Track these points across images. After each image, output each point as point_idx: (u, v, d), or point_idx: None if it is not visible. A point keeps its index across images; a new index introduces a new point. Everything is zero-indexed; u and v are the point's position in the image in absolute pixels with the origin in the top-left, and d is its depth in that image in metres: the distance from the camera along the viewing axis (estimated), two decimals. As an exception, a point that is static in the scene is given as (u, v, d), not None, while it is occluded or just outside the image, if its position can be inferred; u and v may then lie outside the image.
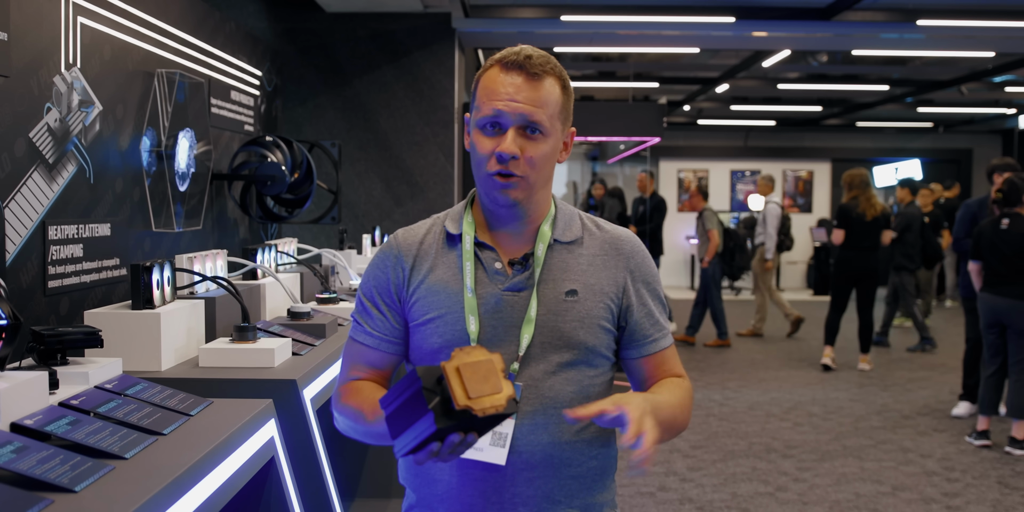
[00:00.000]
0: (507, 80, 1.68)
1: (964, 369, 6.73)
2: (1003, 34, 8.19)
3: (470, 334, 1.67)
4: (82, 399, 1.97)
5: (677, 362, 1.84)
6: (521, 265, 1.73)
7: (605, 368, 1.76)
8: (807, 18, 7.89)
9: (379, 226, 6.18)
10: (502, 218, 1.75)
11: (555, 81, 1.71)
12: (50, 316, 3.05)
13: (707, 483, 5.06)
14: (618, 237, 1.81)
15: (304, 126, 7.01)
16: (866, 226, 8.17)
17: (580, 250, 1.76)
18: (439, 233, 1.79)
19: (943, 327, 11.45)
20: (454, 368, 1.37)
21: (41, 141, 3.00)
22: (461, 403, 1.35)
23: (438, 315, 1.70)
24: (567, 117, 1.75)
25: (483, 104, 1.69)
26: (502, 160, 1.66)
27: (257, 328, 2.91)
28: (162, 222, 4.01)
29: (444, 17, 7.11)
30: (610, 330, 1.74)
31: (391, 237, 1.83)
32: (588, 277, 1.74)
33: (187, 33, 4.35)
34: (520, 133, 1.67)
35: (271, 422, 2.31)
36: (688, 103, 14.51)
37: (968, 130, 17.59)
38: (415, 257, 1.77)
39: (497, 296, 1.70)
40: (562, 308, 1.70)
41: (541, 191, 1.75)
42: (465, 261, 1.73)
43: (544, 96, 1.68)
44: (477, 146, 1.70)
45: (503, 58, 1.70)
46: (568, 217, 1.80)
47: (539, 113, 1.67)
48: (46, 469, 1.59)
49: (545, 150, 1.69)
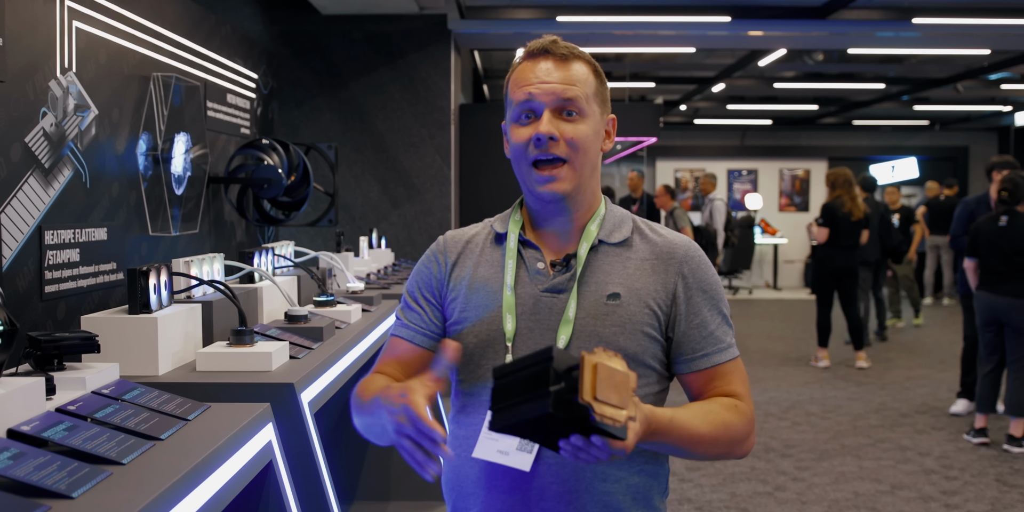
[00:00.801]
0: (535, 66, 1.63)
1: (962, 367, 6.73)
2: (998, 31, 8.20)
3: (506, 333, 1.63)
4: (79, 404, 1.97)
5: (736, 380, 1.67)
6: (563, 266, 1.66)
7: (649, 380, 1.65)
8: (803, 17, 7.90)
9: (376, 228, 6.18)
10: (548, 215, 1.68)
11: (585, 65, 1.66)
12: (47, 321, 3.05)
13: (705, 483, 5.06)
14: (672, 242, 1.70)
15: (300, 128, 7.01)
16: (851, 226, 8.23)
17: (628, 253, 1.68)
18: (488, 234, 1.75)
19: (940, 325, 11.47)
20: (592, 363, 1.29)
21: (37, 146, 3.00)
22: (585, 398, 1.27)
23: (476, 313, 1.67)
24: (604, 101, 1.69)
25: (515, 95, 1.64)
26: (540, 143, 1.59)
27: (254, 332, 2.91)
28: (159, 226, 4.01)
29: (440, 18, 7.12)
30: (656, 338, 1.64)
31: (440, 237, 1.80)
32: (634, 281, 1.64)
33: (183, 36, 4.35)
34: (556, 115, 1.61)
35: (269, 426, 2.31)
36: (684, 103, 14.53)
37: (964, 128, 17.61)
38: (459, 254, 1.74)
39: (536, 297, 1.64)
40: (602, 311, 1.62)
41: (588, 181, 1.66)
42: (507, 259, 1.68)
43: (575, 75, 1.63)
44: (513, 138, 1.64)
45: (528, 49, 1.67)
46: (618, 218, 1.72)
47: (572, 90, 1.61)
48: (43, 475, 1.59)
49: (586, 131, 1.62)
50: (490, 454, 1.61)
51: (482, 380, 1.66)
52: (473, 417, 1.67)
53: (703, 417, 1.58)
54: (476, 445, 1.64)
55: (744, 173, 17.43)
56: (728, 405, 1.63)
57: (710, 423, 1.58)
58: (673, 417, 1.51)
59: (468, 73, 9.54)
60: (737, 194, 17.21)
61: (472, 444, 1.65)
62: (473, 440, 1.65)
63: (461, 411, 1.70)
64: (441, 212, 7.18)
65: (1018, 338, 5.73)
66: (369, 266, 5.32)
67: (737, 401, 1.65)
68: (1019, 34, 8.35)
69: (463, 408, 1.70)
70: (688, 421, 1.54)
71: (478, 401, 1.67)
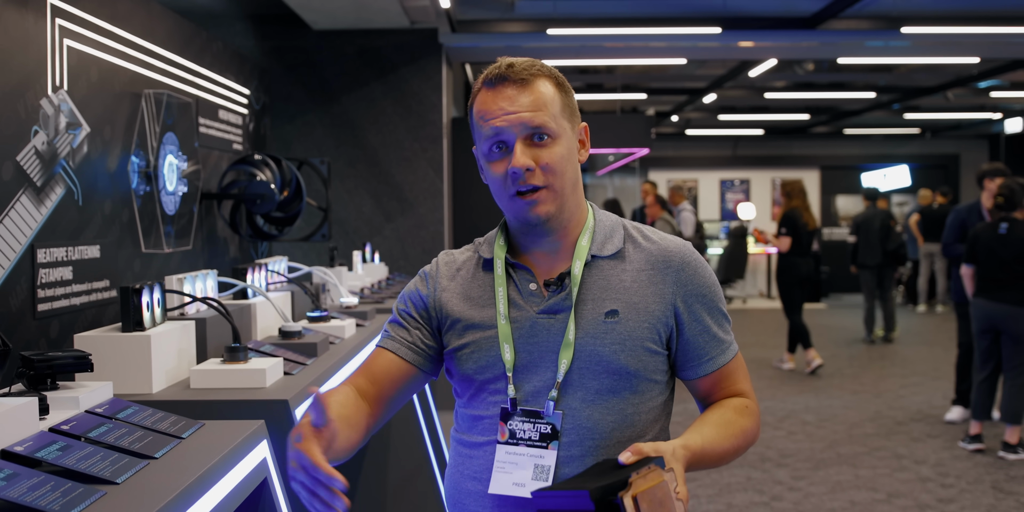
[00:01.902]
0: (497, 96, 1.59)
1: (956, 374, 6.74)
2: (987, 40, 8.25)
3: (505, 363, 1.61)
4: (72, 424, 1.96)
5: (740, 376, 1.70)
6: (557, 285, 1.63)
7: (654, 393, 1.64)
8: (792, 27, 7.94)
9: (370, 242, 6.18)
10: (534, 237, 1.65)
11: (546, 80, 1.61)
12: (40, 339, 3.05)
13: (702, 494, 5.06)
14: (666, 249, 1.66)
15: (293, 144, 7.02)
16: (810, 235, 8.56)
17: (623, 265, 1.64)
18: (476, 260, 1.72)
19: (935, 332, 11.48)
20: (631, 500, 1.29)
21: (29, 164, 3.00)
22: None
23: (474, 340, 1.65)
24: (572, 113, 1.65)
25: (481, 128, 1.60)
26: (517, 176, 1.56)
27: (248, 348, 2.91)
28: (152, 243, 4.00)
29: (431, 32, 7.14)
30: (658, 352, 1.62)
31: (433, 261, 1.78)
32: (631, 295, 1.62)
33: (174, 53, 4.36)
34: (528, 143, 1.57)
35: (263, 443, 2.31)
36: (676, 114, 14.57)
37: (955, 135, 17.69)
38: (451, 280, 1.72)
39: (532, 320, 1.61)
40: (601, 330, 1.59)
41: (571, 198, 1.63)
42: (497, 287, 1.65)
43: (539, 98, 1.58)
44: (489, 172, 1.61)
45: (485, 77, 1.62)
46: (608, 228, 1.68)
47: (540, 116, 1.57)
48: (37, 496, 1.59)
49: (560, 153, 1.59)
50: (506, 488, 1.59)
51: (482, 408, 1.65)
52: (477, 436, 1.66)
53: (726, 431, 1.61)
54: (491, 480, 1.62)
55: (737, 183, 17.48)
56: (740, 408, 1.66)
57: (732, 436, 1.61)
58: (703, 444, 1.54)
59: (460, 86, 9.56)
60: (730, 204, 17.25)
61: (476, 463, 1.65)
62: (478, 460, 1.65)
63: (465, 430, 1.70)
64: (434, 225, 7.18)
65: (1015, 345, 5.74)
66: (363, 280, 5.32)
67: (747, 401, 1.68)
68: (1008, 42, 8.40)
69: (469, 428, 1.69)
70: (715, 441, 1.57)
71: (482, 424, 1.66)
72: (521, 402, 1.61)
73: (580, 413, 1.58)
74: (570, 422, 1.58)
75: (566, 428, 1.58)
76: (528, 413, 1.60)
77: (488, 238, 1.74)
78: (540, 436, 1.59)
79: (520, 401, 1.61)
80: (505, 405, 1.62)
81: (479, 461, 1.65)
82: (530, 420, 1.60)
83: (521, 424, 1.60)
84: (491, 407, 1.64)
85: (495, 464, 1.61)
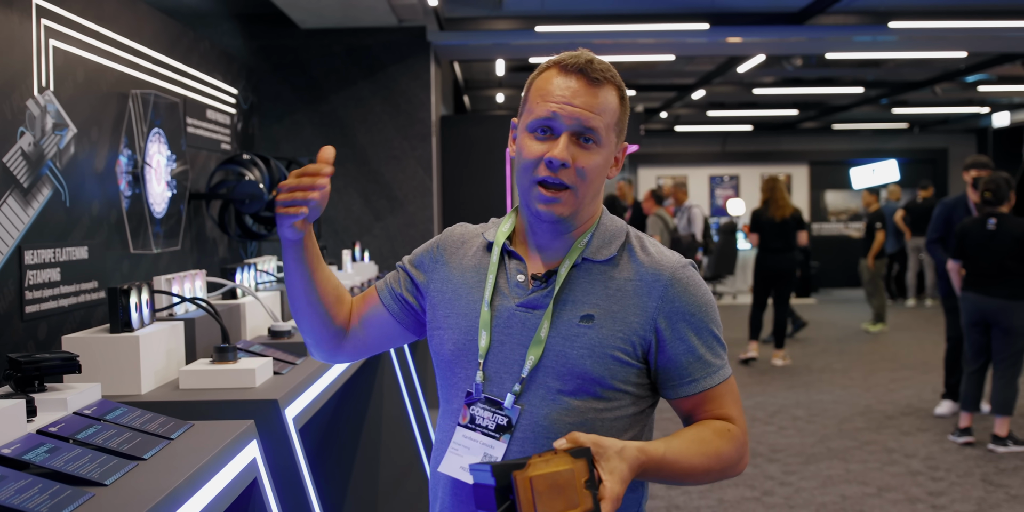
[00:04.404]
0: (565, 83, 1.59)
1: (945, 368, 6.78)
2: (974, 34, 8.26)
3: (479, 349, 1.63)
4: (60, 426, 1.96)
5: (728, 402, 1.64)
6: (543, 281, 1.63)
7: (622, 403, 1.61)
8: (780, 23, 7.95)
9: (359, 241, 6.17)
10: (540, 231, 1.66)
11: (614, 90, 1.62)
12: (28, 342, 3.04)
13: (693, 489, 5.07)
14: (659, 263, 1.63)
15: (281, 143, 7.00)
16: (775, 228, 8.82)
17: (612, 272, 1.63)
18: (482, 240, 1.74)
19: (923, 326, 11.52)
20: (526, 480, 1.29)
21: (15, 165, 2.99)
22: None
23: (456, 322, 1.67)
24: (622, 130, 1.65)
25: (536, 105, 1.60)
26: (552, 167, 1.57)
27: (237, 348, 2.90)
28: (140, 244, 3.99)
29: (419, 31, 7.13)
30: (629, 362, 1.59)
31: (448, 229, 1.82)
32: (612, 303, 1.60)
33: (161, 53, 4.34)
34: (573, 141, 1.58)
35: (253, 443, 2.31)
36: (665, 110, 14.58)
37: (943, 130, 17.73)
38: (453, 254, 1.75)
39: (511, 311, 1.63)
40: (573, 333, 1.58)
41: (588, 207, 1.64)
42: (489, 273, 1.67)
43: (602, 103, 1.59)
44: (524, 150, 1.61)
45: (562, 60, 1.62)
46: (610, 234, 1.67)
47: (596, 120, 1.58)
48: (24, 499, 1.58)
49: (598, 161, 1.59)
50: (454, 470, 1.64)
51: (455, 389, 1.68)
52: (445, 422, 1.70)
53: (696, 448, 1.57)
54: (443, 459, 1.66)
55: (726, 179, 17.50)
56: (721, 431, 1.61)
57: (703, 454, 1.57)
58: (666, 453, 1.51)
59: (448, 84, 9.55)
60: (719, 200, 17.27)
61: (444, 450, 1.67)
62: (445, 446, 1.67)
63: (441, 415, 1.73)
64: (424, 224, 7.18)
65: (1005, 338, 5.77)
66: (353, 279, 5.32)
67: (730, 425, 1.62)
68: (995, 36, 8.42)
69: (442, 413, 1.73)
70: (680, 454, 1.54)
71: (449, 408, 1.70)
72: (486, 390, 1.63)
73: (538, 411, 1.59)
74: (527, 418, 1.59)
75: (522, 423, 1.59)
76: (490, 402, 1.63)
77: (497, 221, 1.76)
78: (496, 426, 1.61)
79: (485, 389, 1.64)
80: (471, 389, 1.65)
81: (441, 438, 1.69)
82: (490, 409, 1.62)
83: (482, 411, 1.63)
84: (460, 390, 1.67)
85: (450, 445, 1.65)
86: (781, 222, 8.81)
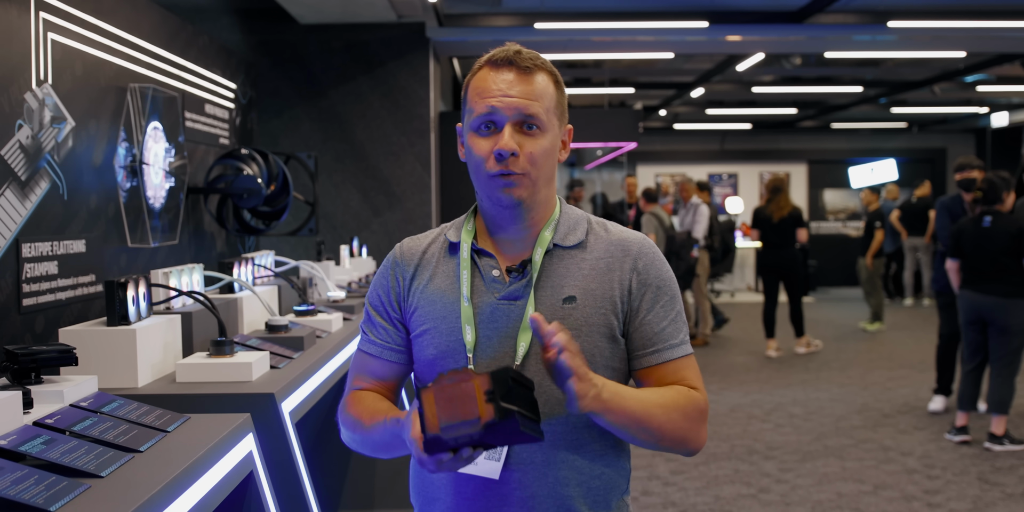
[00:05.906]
0: (498, 77, 1.63)
1: (937, 364, 6.80)
2: (973, 34, 8.27)
3: (466, 344, 1.64)
4: (57, 418, 1.96)
5: (692, 376, 1.69)
6: (519, 272, 1.67)
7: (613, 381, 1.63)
8: (780, 21, 7.95)
9: (357, 237, 6.17)
10: (503, 222, 1.69)
11: (547, 76, 1.67)
12: (25, 334, 3.04)
13: (689, 486, 5.08)
14: (625, 238, 1.71)
15: (280, 138, 7.00)
16: (774, 225, 9.15)
17: (583, 255, 1.69)
18: (442, 242, 1.75)
19: (920, 325, 11.53)
20: (429, 393, 1.39)
21: (13, 158, 2.99)
22: (431, 431, 1.39)
23: (435, 325, 1.68)
24: (563, 113, 1.70)
25: (475, 104, 1.64)
26: (501, 158, 1.60)
27: (234, 342, 2.91)
28: (138, 237, 3.99)
29: (418, 27, 7.13)
30: (615, 338, 1.66)
31: (396, 246, 1.80)
32: (589, 282, 1.66)
33: (160, 47, 4.34)
34: (517, 129, 1.62)
35: (249, 436, 2.31)
36: (664, 108, 14.57)
37: (942, 129, 17.74)
38: (416, 266, 1.74)
39: (493, 305, 1.65)
40: (559, 315, 1.63)
41: (544, 190, 1.68)
42: (462, 270, 1.68)
43: (538, 90, 1.64)
44: (473, 148, 1.65)
45: (491, 57, 1.66)
46: (573, 221, 1.72)
47: (534, 106, 1.62)
48: (20, 490, 1.58)
49: (544, 145, 1.64)
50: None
51: None
52: None
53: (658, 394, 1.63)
54: None
55: (725, 177, 17.50)
56: (681, 390, 1.66)
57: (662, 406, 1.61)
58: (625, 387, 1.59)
59: (447, 81, 9.55)
60: (718, 198, 17.27)
61: None
62: None
63: None
64: (422, 219, 7.18)
65: (1002, 337, 5.78)
66: (350, 275, 5.32)
67: (694, 393, 1.67)
68: (994, 36, 8.43)
69: None
70: (640, 392, 1.61)
71: None
72: None
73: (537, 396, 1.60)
74: None
75: None
76: None
77: (456, 223, 1.77)
78: None
79: None
80: None
81: None
82: None
83: None
84: None
85: None
86: (779, 221, 9.09)
